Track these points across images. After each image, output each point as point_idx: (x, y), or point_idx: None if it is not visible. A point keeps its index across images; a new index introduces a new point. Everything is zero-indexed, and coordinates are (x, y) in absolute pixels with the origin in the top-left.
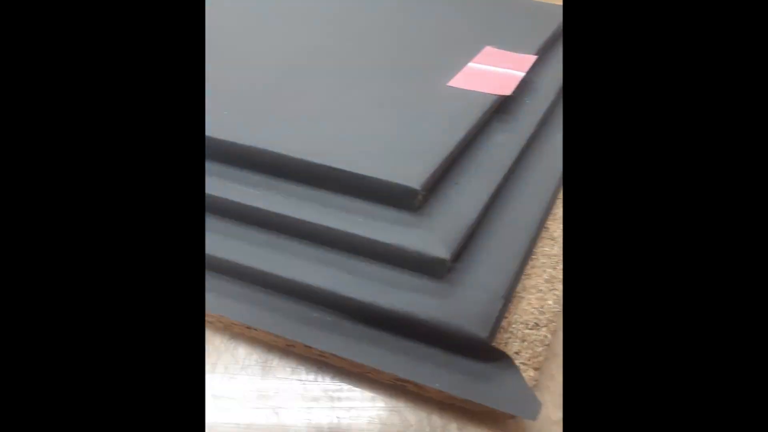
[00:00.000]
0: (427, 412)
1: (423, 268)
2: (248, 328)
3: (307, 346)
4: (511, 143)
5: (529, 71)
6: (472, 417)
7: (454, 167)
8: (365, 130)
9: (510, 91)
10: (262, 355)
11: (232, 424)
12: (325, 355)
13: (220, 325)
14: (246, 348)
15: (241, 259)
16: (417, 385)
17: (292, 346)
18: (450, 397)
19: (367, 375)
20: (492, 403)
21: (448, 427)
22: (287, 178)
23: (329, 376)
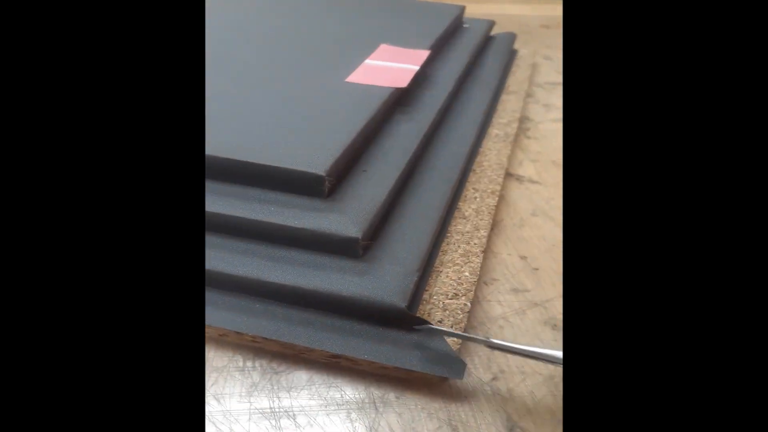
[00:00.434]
0: (365, 385)
1: (339, 249)
2: None
3: (239, 333)
4: (415, 131)
5: (428, 66)
6: (409, 385)
7: (362, 156)
8: (273, 126)
9: (406, 84)
10: None
11: None
12: (258, 340)
13: None
14: None
15: None
16: (350, 360)
17: (225, 336)
18: (382, 367)
19: (302, 356)
20: (420, 368)
21: (387, 396)
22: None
23: (266, 360)
